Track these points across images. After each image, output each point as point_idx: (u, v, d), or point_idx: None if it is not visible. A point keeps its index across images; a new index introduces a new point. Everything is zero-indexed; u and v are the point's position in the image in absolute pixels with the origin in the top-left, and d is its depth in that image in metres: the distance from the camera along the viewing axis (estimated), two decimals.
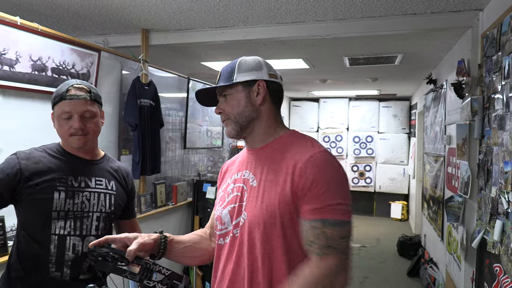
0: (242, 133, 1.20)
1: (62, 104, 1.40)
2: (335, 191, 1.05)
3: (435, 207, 4.21)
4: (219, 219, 1.21)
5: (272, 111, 1.20)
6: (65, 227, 1.39)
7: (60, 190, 1.39)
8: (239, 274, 1.12)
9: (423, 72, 4.64)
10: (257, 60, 1.21)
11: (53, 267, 1.38)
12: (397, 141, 7.65)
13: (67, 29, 3.08)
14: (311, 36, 2.90)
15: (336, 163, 1.10)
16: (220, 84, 1.19)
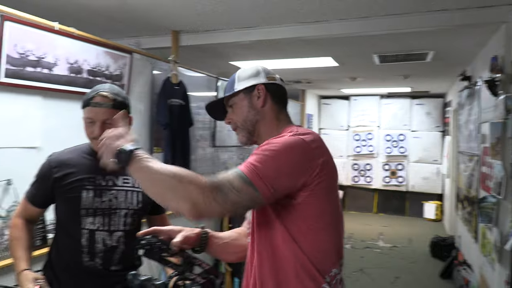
0: (252, 137, 1.26)
1: (87, 110, 1.48)
2: (262, 156, 1.05)
3: (470, 208, 4.08)
4: (247, 219, 1.31)
5: (274, 111, 1.26)
6: (94, 223, 1.49)
7: (88, 189, 1.49)
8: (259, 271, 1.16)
9: (457, 68, 4.50)
10: (255, 68, 1.28)
11: (86, 257, 1.48)
12: (430, 139, 7.45)
13: (101, 32, 3.20)
14: (335, 35, 2.89)
15: (292, 143, 1.08)
16: (224, 95, 1.28)
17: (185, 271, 1.15)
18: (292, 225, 1.09)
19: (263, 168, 1.02)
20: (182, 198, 0.99)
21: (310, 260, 1.09)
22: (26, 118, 2.09)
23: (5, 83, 1.94)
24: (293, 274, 1.09)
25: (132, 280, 1.14)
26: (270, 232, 1.12)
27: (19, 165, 2.04)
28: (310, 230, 1.09)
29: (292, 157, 1.07)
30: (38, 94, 2.15)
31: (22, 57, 2.00)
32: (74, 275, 1.49)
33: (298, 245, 1.09)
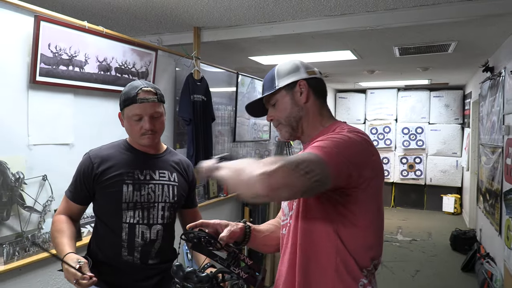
0: (295, 133, 1.26)
1: (133, 107, 1.50)
2: (325, 141, 1.04)
3: (492, 200, 4.04)
4: (282, 210, 1.31)
5: (317, 106, 1.25)
6: (134, 217, 1.52)
7: (128, 183, 1.52)
8: (292, 263, 1.17)
9: (478, 59, 4.43)
10: (293, 63, 1.26)
11: (125, 251, 1.52)
12: (449, 132, 7.36)
13: (125, 30, 3.27)
14: (361, 28, 2.88)
15: (348, 135, 1.07)
16: (265, 94, 1.27)
17: (230, 266, 1.17)
18: (338, 220, 1.10)
19: (333, 152, 1.01)
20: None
21: (352, 255, 1.10)
22: (59, 116, 2.15)
23: (40, 82, 2.00)
24: (332, 269, 1.10)
25: (177, 272, 1.16)
26: (313, 226, 1.13)
27: (54, 161, 2.11)
28: (355, 226, 1.10)
29: (357, 149, 1.06)
30: (70, 92, 2.20)
31: (56, 56, 2.06)
32: (113, 268, 1.53)
33: (341, 240, 1.09)
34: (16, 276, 1.90)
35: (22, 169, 1.94)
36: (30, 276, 1.97)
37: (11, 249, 1.87)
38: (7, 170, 1.88)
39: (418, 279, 4.26)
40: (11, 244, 1.87)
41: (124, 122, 1.58)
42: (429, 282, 4.19)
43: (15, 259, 1.88)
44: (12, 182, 1.90)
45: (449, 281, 4.25)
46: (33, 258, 1.95)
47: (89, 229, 2.30)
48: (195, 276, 1.15)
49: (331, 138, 1.06)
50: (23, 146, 1.96)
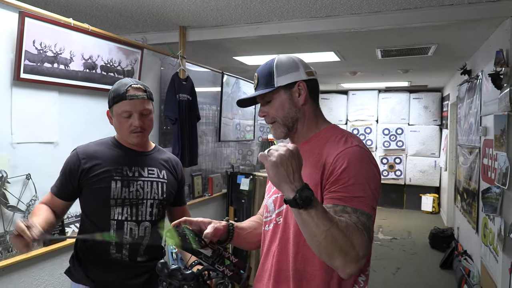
0: (289, 133, 1.25)
1: (123, 104, 1.49)
2: (361, 185, 1.06)
3: (469, 199, 4.16)
4: (266, 207, 1.31)
5: (313, 108, 1.25)
6: (123, 213, 1.51)
7: (116, 179, 1.51)
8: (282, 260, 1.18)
9: (456, 62, 4.57)
10: (292, 60, 1.23)
11: (114, 249, 1.51)
12: (428, 133, 7.54)
13: (109, 28, 3.23)
14: (345, 29, 2.93)
15: (367, 157, 1.12)
16: (260, 89, 1.23)
17: (215, 263, 1.17)
18: None
19: (371, 197, 1.06)
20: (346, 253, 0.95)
21: None
22: (43, 114, 2.12)
23: (24, 79, 1.96)
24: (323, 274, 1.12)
25: (162, 269, 1.15)
26: None
27: (38, 160, 2.07)
28: None
29: (378, 179, 1.12)
30: (54, 90, 2.17)
31: (40, 53, 2.02)
32: (101, 267, 1.52)
33: None
34: None
35: (5, 168, 1.90)
36: (14, 276, 1.93)
37: None
38: None
39: (399, 277, 4.35)
40: None
41: (113, 119, 1.57)
42: (410, 280, 4.29)
43: None
44: None
45: (429, 278, 4.36)
46: (16, 259, 1.92)
47: (73, 229, 2.27)
48: (180, 273, 1.15)
49: (364, 179, 1.07)
50: (6, 144, 1.92)
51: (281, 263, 1.19)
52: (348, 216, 1.01)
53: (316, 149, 1.19)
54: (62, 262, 2.12)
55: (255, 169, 5.22)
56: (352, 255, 0.94)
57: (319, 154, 1.17)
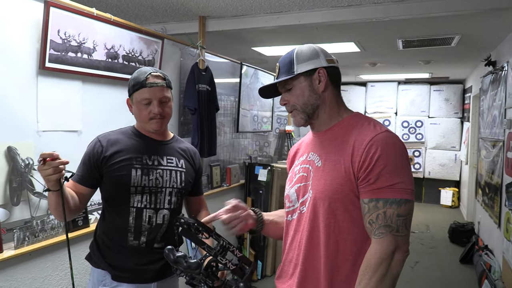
0: (309, 120, 1.26)
1: (142, 91, 1.50)
2: (396, 170, 1.08)
3: (492, 194, 4.08)
4: (287, 197, 1.31)
5: (334, 95, 1.25)
6: (142, 201, 1.52)
7: (136, 167, 1.52)
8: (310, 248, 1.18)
9: (480, 53, 4.45)
10: (313, 48, 1.24)
11: (132, 236, 1.53)
12: (448, 126, 7.40)
13: (130, 18, 3.25)
14: (367, 19, 2.88)
15: (398, 143, 1.12)
16: (281, 77, 1.24)
17: (217, 255, 1.18)
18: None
19: (408, 181, 1.09)
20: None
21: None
22: (67, 103, 2.16)
23: (49, 68, 2.00)
24: (353, 263, 1.13)
25: (168, 255, 1.17)
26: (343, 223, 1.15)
27: (62, 148, 2.11)
28: None
29: (408, 159, 1.14)
30: (78, 79, 2.21)
31: (65, 43, 2.05)
32: (118, 253, 1.54)
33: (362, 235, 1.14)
34: (26, 261, 1.92)
35: (31, 155, 1.95)
36: (40, 260, 1.99)
37: (21, 234, 1.88)
38: (17, 155, 1.89)
39: (417, 270, 4.31)
40: (21, 229, 1.89)
41: (132, 107, 1.58)
42: (428, 273, 4.25)
43: (25, 244, 1.90)
44: (22, 167, 1.91)
45: (448, 272, 4.30)
46: (42, 244, 1.97)
47: (96, 216, 2.32)
48: (185, 261, 1.16)
49: (399, 164, 1.10)
50: (32, 132, 1.97)
51: (309, 252, 1.19)
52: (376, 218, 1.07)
53: (341, 136, 1.19)
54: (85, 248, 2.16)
55: (273, 160, 5.22)
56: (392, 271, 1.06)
57: (345, 141, 1.17)
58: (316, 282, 1.17)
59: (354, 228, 1.14)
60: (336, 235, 1.14)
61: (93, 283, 1.56)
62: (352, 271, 1.12)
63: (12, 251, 1.84)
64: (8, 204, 1.86)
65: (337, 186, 1.13)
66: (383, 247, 1.05)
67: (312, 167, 1.23)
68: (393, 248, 1.05)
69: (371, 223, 1.08)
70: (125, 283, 1.52)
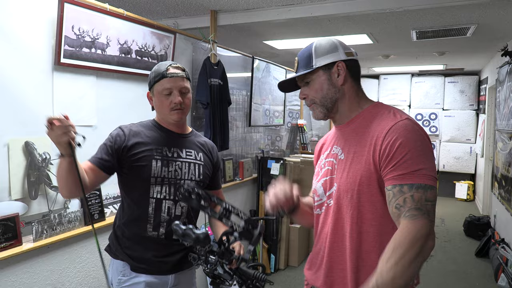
0: (329, 114, 1.27)
1: (164, 81, 1.53)
2: (418, 157, 1.07)
3: (508, 186, 4.01)
4: (315, 191, 1.33)
5: (353, 88, 1.25)
6: (161, 192, 1.55)
7: (157, 159, 1.54)
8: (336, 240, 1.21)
9: (497, 43, 4.36)
10: (332, 42, 1.24)
11: (151, 227, 1.55)
12: (463, 118, 7.28)
13: (142, 13, 3.26)
14: (381, 10, 2.83)
15: (419, 130, 1.12)
16: (300, 71, 1.25)
17: (222, 218, 1.17)
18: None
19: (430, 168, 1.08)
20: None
21: None
22: (82, 98, 2.18)
23: (64, 64, 2.02)
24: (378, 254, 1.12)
25: (176, 230, 1.17)
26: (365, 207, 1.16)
27: None
28: None
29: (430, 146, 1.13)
30: (92, 74, 2.22)
31: (79, 38, 2.07)
32: (137, 244, 1.56)
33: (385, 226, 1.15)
34: (44, 253, 1.96)
35: (48, 150, 1.98)
36: (58, 253, 2.03)
37: (39, 228, 1.92)
38: (35, 150, 1.92)
39: (432, 264, 4.28)
40: (39, 223, 1.92)
41: (153, 99, 1.60)
42: (444, 266, 4.21)
43: (43, 237, 1.94)
44: (39, 162, 1.94)
45: (464, 265, 4.26)
46: (60, 237, 2.01)
47: (112, 210, 2.35)
48: (193, 232, 1.15)
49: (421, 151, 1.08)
50: None
51: (335, 244, 1.21)
52: (403, 202, 1.05)
53: (362, 127, 1.20)
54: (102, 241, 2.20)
55: (285, 154, 5.22)
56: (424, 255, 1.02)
57: (367, 132, 1.18)
58: (342, 274, 1.19)
59: (377, 219, 1.14)
60: (359, 226, 1.16)
61: (113, 274, 1.60)
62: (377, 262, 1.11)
63: (30, 244, 1.88)
64: (27, 198, 1.89)
65: (360, 178, 1.14)
66: (418, 228, 1.02)
67: (336, 160, 1.25)
68: (427, 231, 1.02)
69: (398, 207, 1.06)
70: (144, 274, 1.55)
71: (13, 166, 1.84)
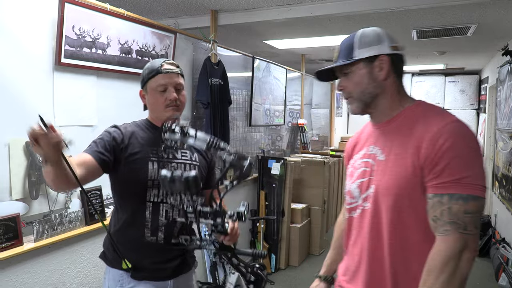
0: (367, 109, 1.19)
1: (158, 78, 1.49)
2: (465, 164, 0.99)
3: (509, 186, 4.01)
4: (349, 193, 1.24)
5: (395, 84, 1.17)
6: (158, 195, 1.48)
7: (153, 160, 1.48)
8: (375, 244, 1.14)
9: (498, 43, 4.35)
10: (377, 33, 1.16)
11: (149, 232, 1.47)
12: (464, 117, 7.21)
13: (143, 13, 3.25)
14: (382, 9, 2.83)
15: (468, 133, 1.04)
16: (340, 61, 1.17)
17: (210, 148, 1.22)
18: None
19: (476, 175, 0.99)
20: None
21: None
22: (83, 98, 2.18)
23: (65, 64, 2.02)
24: (421, 263, 1.06)
25: (164, 177, 1.15)
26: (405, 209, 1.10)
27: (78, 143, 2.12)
28: None
29: (480, 152, 1.05)
30: (93, 74, 2.23)
31: (79, 38, 2.07)
32: (135, 251, 1.48)
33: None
34: (45, 253, 1.96)
35: None
36: (59, 253, 2.03)
37: (40, 227, 1.92)
38: None
39: None
40: (40, 223, 1.92)
41: (147, 97, 1.54)
42: None
43: (44, 237, 1.94)
44: (40, 162, 1.94)
45: None
46: (61, 236, 2.01)
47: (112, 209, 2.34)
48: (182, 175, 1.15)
49: (469, 157, 1.01)
50: None
51: (373, 251, 1.14)
52: (440, 214, 1.00)
53: (405, 127, 1.12)
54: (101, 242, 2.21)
55: (285, 154, 5.22)
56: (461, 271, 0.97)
57: (411, 133, 1.10)
58: (382, 282, 1.13)
59: (421, 225, 1.06)
60: (401, 233, 1.08)
61: (109, 283, 1.52)
62: (421, 272, 1.05)
63: (31, 244, 1.88)
64: (27, 198, 1.90)
65: (402, 182, 1.07)
66: (448, 245, 0.98)
67: (374, 161, 1.17)
68: (461, 246, 0.97)
69: (435, 219, 1.02)
70: (143, 281, 1.49)
71: (14, 166, 1.84)
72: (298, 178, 4.59)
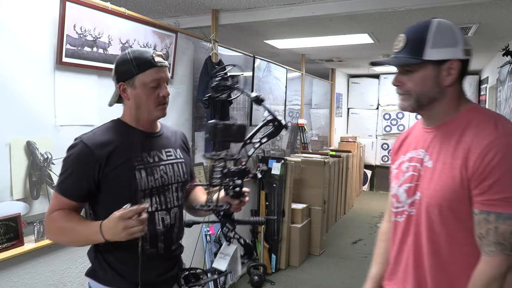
0: (419, 110, 1.13)
1: (152, 72, 1.31)
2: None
3: None
4: (396, 197, 1.21)
5: (457, 91, 1.10)
6: (152, 204, 1.35)
7: (140, 168, 1.32)
8: (416, 255, 1.12)
9: (498, 43, 4.35)
10: (454, 32, 1.06)
11: (147, 244, 1.34)
12: None
13: (143, 12, 3.24)
14: (383, 9, 2.83)
15: None
16: (404, 54, 1.08)
17: None
18: None
19: None
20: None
21: None
22: (84, 97, 2.17)
23: (66, 63, 2.01)
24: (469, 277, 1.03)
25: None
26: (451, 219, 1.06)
27: None
28: None
29: None
30: (94, 74, 2.21)
31: (81, 37, 2.06)
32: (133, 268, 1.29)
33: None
34: (46, 254, 1.95)
35: (50, 149, 1.97)
36: (60, 253, 2.02)
37: (41, 228, 1.91)
38: (36, 150, 1.91)
39: None
40: (41, 223, 1.91)
41: (132, 92, 1.34)
42: None
43: (45, 237, 1.92)
44: (41, 162, 1.93)
45: None
46: None
47: None
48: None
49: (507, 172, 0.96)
50: (50, 126, 1.99)
51: (418, 260, 1.12)
52: (486, 233, 0.97)
53: (455, 134, 1.06)
54: None
55: (285, 154, 5.21)
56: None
57: (460, 141, 1.04)
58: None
59: (470, 238, 1.02)
60: (447, 245, 1.05)
61: None
62: (461, 285, 1.03)
63: (32, 244, 1.87)
64: (28, 198, 1.89)
65: (448, 193, 1.03)
66: (493, 266, 0.96)
67: (422, 167, 1.12)
68: (505, 268, 0.95)
69: (480, 237, 0.99)
70: None
71: (15, 166, 1.83)
72: (298, 178, 4.59)
